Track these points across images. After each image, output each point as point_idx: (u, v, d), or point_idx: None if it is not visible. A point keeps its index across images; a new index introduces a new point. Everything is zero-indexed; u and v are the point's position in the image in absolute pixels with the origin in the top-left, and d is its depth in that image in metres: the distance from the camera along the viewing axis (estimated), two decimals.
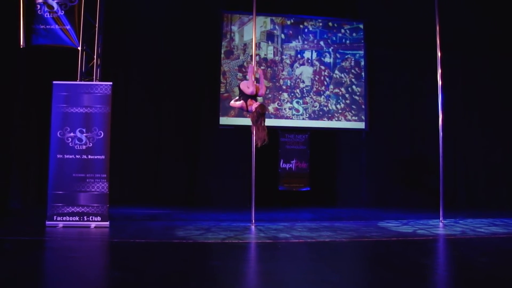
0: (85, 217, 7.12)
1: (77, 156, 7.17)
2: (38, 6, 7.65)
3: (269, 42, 10.97)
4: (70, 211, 7.09)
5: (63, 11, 7.68)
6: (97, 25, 8.03)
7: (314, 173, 10.94)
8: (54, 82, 7.30)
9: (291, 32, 11.06)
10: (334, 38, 11.21)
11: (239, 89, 6.66)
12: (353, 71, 11.21)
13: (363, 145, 11.31)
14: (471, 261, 5.25)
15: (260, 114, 6.23)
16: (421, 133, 11.31)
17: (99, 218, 7.13)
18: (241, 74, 10.69)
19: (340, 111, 11.07)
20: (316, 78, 11.04)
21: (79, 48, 7.72)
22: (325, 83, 11.07)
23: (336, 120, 11.05)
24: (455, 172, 11.34)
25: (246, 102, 6.43)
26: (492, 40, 11.34)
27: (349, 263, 5.30)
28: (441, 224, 7.99)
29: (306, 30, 11.12)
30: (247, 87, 6.45)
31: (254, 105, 6.33)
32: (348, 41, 11.24)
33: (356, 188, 11.23)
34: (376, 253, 5.82)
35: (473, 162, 11.46)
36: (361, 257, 5.68)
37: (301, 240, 6.30)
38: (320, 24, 11.18)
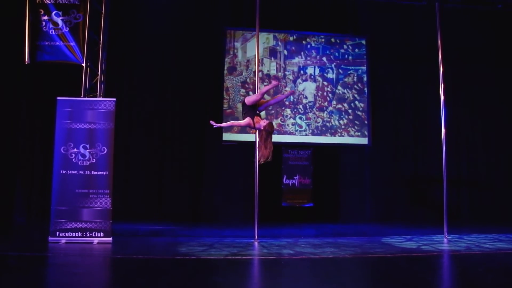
0: (88, 233, 7.10)
1: (80, 172, 7.19)
2: (44, 23, 7.75)
3: (272, 58, 11.03)
4: (73, 227, 7.08)
5: (67, 28, 7.77)
6: (101, 41, 8.11)
7: (317, 189, 10.90)
8: (58, 98, 7.35)
9: (293, 48, 11.12)
10: (336, 54, 11.27)
11: (244, 104, 6.68)
12: (355, 86, 11.24)
13: (366, 161, 11.28)
14: (476, 277, 5.21)
15: (269, 133, 6.26)
16: (424, 148, 11.30)
17: (102, 234, 7.11)
18: (244, 90, 10.74)
19: (343, 126, 11.08)
20: (319, 94, 11.08)
21: (83, 65, 7.80)
22: (328, 98, 11.10)
23: (339, 136, 11.06)
24: (459, 187, 11.29)
25: (253, 119, 6.45)
26: (494, 53, 11.42)
27: (353, 280, 5.26)
28: (445, 239, 7.94)
29: (308, 46, 11.18)
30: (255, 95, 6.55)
31: (262, 123, 6.34)
32: (350, 57, 11.30)
33: (360, 204, 11.18)
34: (380, 269, 5.77)
35: (477, 176, 11.43)
36: (365, 274, 5.63)
37: (305, 256, 6.27)
38: (323, 40, 11.25)
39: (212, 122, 6.61)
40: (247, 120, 6.51)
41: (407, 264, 5.98)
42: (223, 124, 7.05)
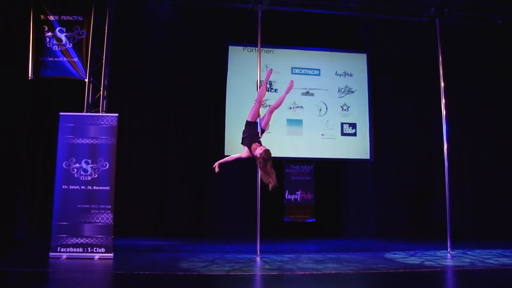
0: (89, 249, 7.08)
1: (82, 187, 7.19)
2: (47, 39, 7.83)
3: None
4: (74, 242, 7.06)
5: (71, 44, 7.85)
6: (104, 57, 8.18)
7: (319, 204, 10.86)
8: (61, 113, 7.38)
9: (295, 63, 11.16)
10: (338, 69, 11.29)
11: (247, 123, 6.66)
12: (357, 101, 11.24)
13: (368, 176, 11.24)
14: None
15: (266, 160, 6.14)
16: (426, 162, 11.26)
17: (103, 250, 7.09)
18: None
19: (345, 141, 11.06)
20: (320, 109, 11.09)
21: (86, 80, 7.85)
22: (330, 113, 11.09)
23: (341, 151, 11.03)
24: (462, 201, 11.24)
25: (250, 146, 6.38)
26: (497, 68, 11.45)
27: None
28: (449, 255, 7.88)
29: (310, 61, 11.21)
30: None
31: (258, 150, 6.21)
32: (351, 72, 11.33)
33: (362, 219, 11.11)
34: (383, 285, 5.73)
35: (480, 191, 11.37)
36: None
37: (307, 272, 6.22)
38: (324, 55, 11.29)
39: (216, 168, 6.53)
40: (245, 150, 6.42)
41: (411, 280, 5.93)
42: (223, 160, 6.74)
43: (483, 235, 10.78)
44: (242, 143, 6.62)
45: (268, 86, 10.82)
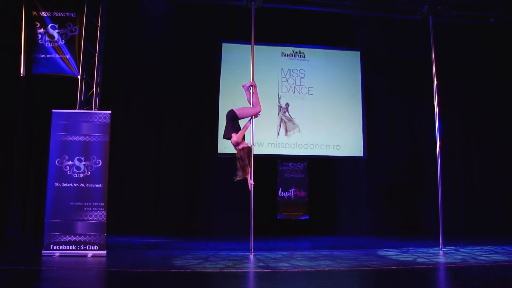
0: (82, 246, 7.05)
1: (75, 185, 7.15)
2: (39, 36, 7.78)
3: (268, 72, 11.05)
4: (67, 240, 7.03)
5: (63, 41, 7.80)
6: (97, 54, 8.13)
7: (313, 202, 10.89)
8: (53, 110, 7.34)
9: (289, 61, 11.16)
10: (331, 67, 11.30)
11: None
12: (350, 99, 11.26)
13: (361, 173, 11.28)
14: None
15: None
16: (419, 160, 11.31)
17: (96, 247, 7.06)
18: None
19: (338, 139, 11.08)
20: (314, 106, 11.09)
21: (79, 77, 7.81)
22: (323, 111, 11.11)
23: (334, 148, 11.05)
24: (455, 199, 11.31)
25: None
26: (490, 66, 11.53)
27: None
28: (441, 252, 7.93)
29: (304, 59, 11.22)
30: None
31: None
32: (345, 70, 11.34)
33: (355, 216, 11.16)
34: (375, 282, 5.75)
35: (472, 188, 11.45)
36: (360, 287, 5.61)
37: (300, 269, 6.24)
38: (318, 53, 11.30)
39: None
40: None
41: (403, 277, 5.96)
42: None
43: (475, 233, 10.86)
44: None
45: None
